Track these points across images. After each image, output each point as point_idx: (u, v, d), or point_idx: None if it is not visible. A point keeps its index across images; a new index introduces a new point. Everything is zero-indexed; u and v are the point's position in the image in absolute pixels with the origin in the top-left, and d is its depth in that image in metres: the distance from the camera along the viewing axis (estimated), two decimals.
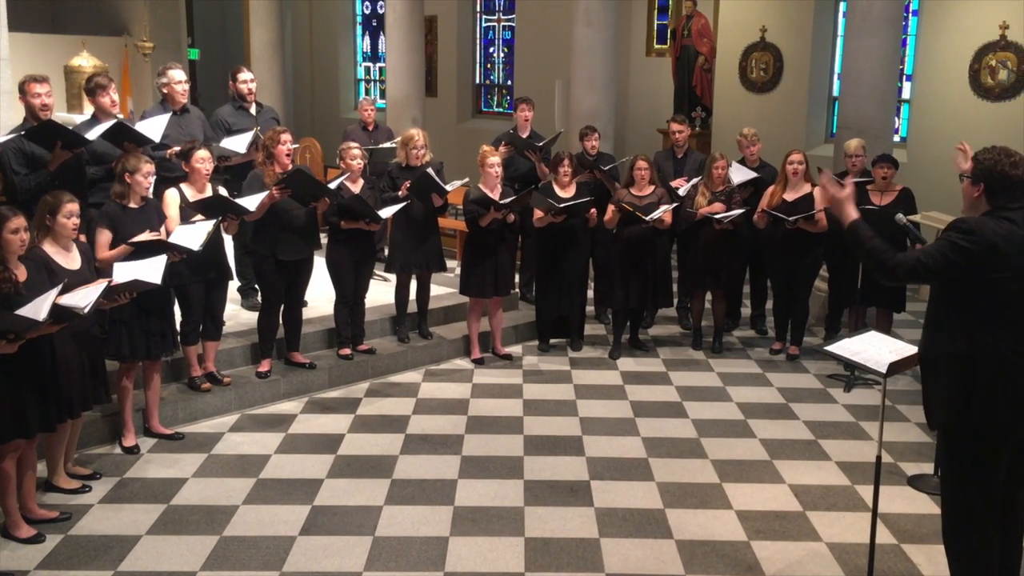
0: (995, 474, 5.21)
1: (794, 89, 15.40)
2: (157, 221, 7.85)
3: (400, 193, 9.77)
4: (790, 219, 9.98)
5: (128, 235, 7.54)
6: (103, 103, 8.67)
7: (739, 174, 10.76)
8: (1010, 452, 5.20)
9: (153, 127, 8.73)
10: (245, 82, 10.42)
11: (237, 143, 9.63)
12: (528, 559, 6.45)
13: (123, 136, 8.45)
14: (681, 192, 10.63)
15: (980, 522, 5.23)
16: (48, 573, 6.25)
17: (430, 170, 9.82)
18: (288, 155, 8.99)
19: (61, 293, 6.21)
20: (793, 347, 10.74)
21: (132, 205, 7.68)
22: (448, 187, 9.87)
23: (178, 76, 9.51)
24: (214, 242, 8.38)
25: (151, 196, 7.92)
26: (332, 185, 9.13)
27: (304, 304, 9.67)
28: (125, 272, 7.02)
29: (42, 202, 6.81)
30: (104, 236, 7.57)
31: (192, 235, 7.77)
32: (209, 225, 7.88)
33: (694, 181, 10.85)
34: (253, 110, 10.45)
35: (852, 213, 5.41)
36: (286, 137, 9.06)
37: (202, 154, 8.33)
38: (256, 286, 9.99)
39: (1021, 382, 5.05)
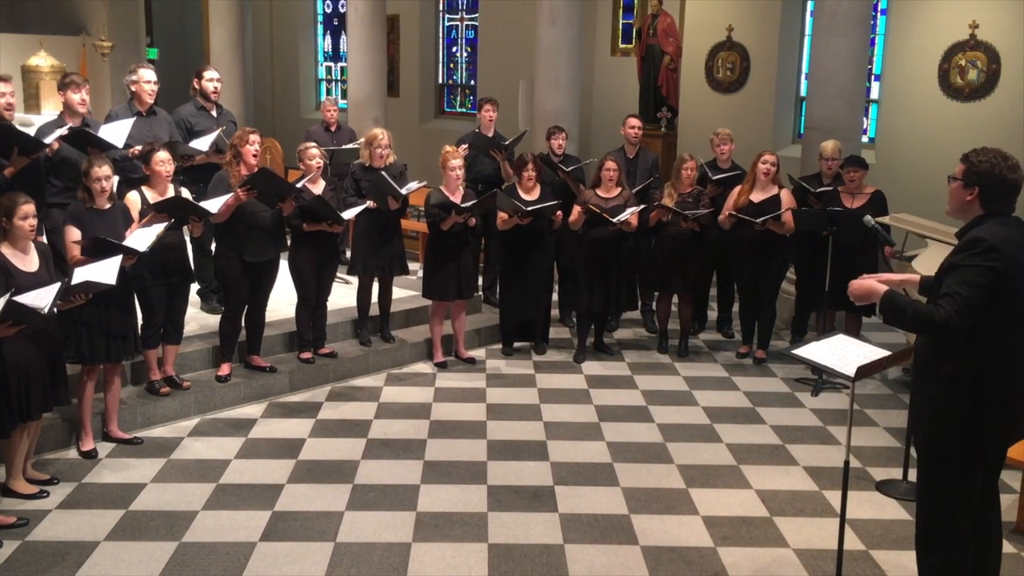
0: (976, 482, 5.18)
1: (761, 89, 15.37)
2: (124, 224, 7.76)
3: (370, 205, 9.68)
4: (758, 221, 9.93)
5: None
6: (73, 100, 8.63)
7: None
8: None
9: (116, 131, 8.63)
10: (212, 80, 10.31)
11: (200, 143, 9.53)
12: (492, 565, 6.38)
13: (85, 141, 8.34)
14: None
15: (958, 530, 5.19)
16: None
17: (383, 173, 9.73)
18: (255, 156, 8.92)
19: (15, 295, 6.12)
20: (760, 351, 10.69)
21: (97, 207, 7.58)
22: (403, 190, 9.79)
23: (148, 76, 9.46)
24: (177, 245, 8.32)
25: (117, 199, 7.82)
26: (297, 186, 9.04)
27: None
28: (79, 273, 6.95)
29: None
30: (73, 234, 7.47)
31: (141, 237, 7.67)
32: (159, 227, 7.77)
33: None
34: (214, 112, 10.33)
35: (879, 288, 5.22)
36: (255, 138, 9.01)
37: (161, 156, 8.21)
38: (216, 289, 9.87)
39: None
